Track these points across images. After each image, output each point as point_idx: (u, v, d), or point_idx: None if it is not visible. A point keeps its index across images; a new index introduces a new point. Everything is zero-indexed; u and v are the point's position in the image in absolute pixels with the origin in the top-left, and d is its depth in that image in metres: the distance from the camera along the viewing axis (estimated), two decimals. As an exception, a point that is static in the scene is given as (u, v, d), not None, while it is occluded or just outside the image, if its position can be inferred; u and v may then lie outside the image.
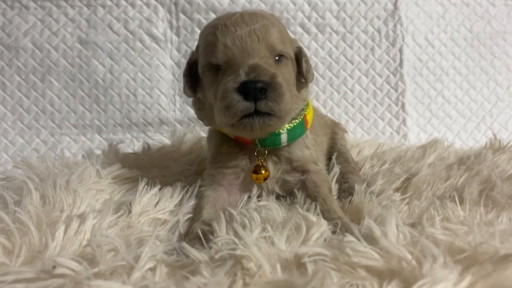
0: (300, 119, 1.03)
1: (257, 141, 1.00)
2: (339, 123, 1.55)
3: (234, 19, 0.91)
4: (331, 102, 1.90)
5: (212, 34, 0.92)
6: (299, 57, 1.01)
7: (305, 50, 1.06)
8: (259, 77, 0.83)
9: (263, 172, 1.01)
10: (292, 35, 1.86)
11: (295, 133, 1.02)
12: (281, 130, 0.99)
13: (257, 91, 0.83)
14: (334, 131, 1.43)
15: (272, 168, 1.04)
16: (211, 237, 0.80)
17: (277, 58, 0.92)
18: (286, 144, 1.01)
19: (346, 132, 1.54)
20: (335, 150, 1.35)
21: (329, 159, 1.32)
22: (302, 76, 1.02)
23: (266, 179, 1.02)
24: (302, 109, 1.05)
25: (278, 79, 0.85)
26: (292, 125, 1.00)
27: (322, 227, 0.82)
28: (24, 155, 1.66)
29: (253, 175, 1.01)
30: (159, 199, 1.01)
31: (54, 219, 0.89)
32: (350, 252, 0.68)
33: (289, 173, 1.05)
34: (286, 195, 1.06)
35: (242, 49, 0.89)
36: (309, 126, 1.06)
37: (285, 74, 0.92)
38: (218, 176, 1.04)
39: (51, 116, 1.79)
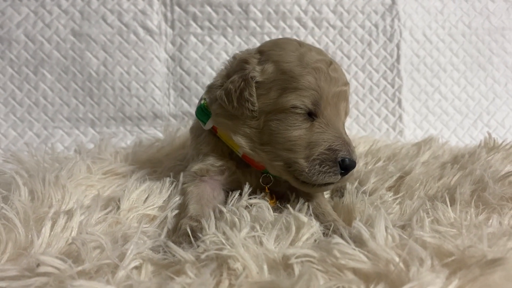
0: None
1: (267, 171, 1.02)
2: None
3: (333, 68, 0.94)
4: (326, 97, 1.89)
5: (314, 77, 0.91)
6: None
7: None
8: (355, 158, 0.91)
9: (271, 199, 1.02)
10: (289, 30, 1.86)
11: None
12: None
13: (350, 170, 0.90)
14: None
15: (257, 180, 1.04)
16: (200, 235, 0.80)
17: None
18: None
19: None
20: None
21: None
22: None
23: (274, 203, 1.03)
24: None
25: None
26: None
27: (313, 228, 0.81)
28: (15, 150, 1.64)
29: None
30: (148, 195, 1.00)
31: (42, 215, 0.88)
32: (338, 254, 0.67)
33: (275, 184, 1.04)
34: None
35: (337, 111, 0.94)
36: None
37: None
38: (201, 172, 1.03)
39: (44, 109, 1.77)
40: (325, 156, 0.88)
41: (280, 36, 1.85)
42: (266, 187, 1.03)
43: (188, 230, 0.82)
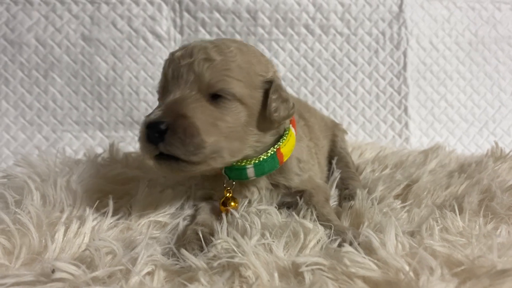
0: (271, 153, 0.96)
1: (223, 172, 0.98)
2: (339, 124, 1.55)
3: (184, 52, 0.90)
4: (333, 104, 1.90)
5: (165, 64, 0.94)
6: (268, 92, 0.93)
7: (282, 82, 0.99)
8: (160, 118, 0.80)
9: (232, 204, 0.98)
10: (296, 36, 1.88)
11: (264, 168, 0.96)
12: (247, 165, 0.95)
13: (154, 134, 0.80)
14: (334, 133, 1.43)
15: (268, 194, 1.03)
16: (212, 238, 0.81)
17: (213, 96, 0.87)
18: (254, 177, 0.97)
19: (346, 133, 1.53)
20: (335, 154, 1.36)
21: (329, 162, 1.32)
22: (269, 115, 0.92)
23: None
24: (274, 144, 0.98)
25: (185, 121, 0.81)
26: (260, 159, 0.95)
27: (318, 234, 0.82)
28: (25, 153, 1.66)
29: (222, 207, 0.98)
30: (159, 201, 1.01)
31: (54, 220, 0.90)
32: (348, 262, 0.68)
33: (288, 196, 1.04)
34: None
35: (176, 82, 0.88)
36: (285, 158, 0.99)
37: (223, 116, 0.86)
38: (207, 195, 1.05)
39: (53, 113, 1.79)
40: (140, 131, 0.84)
41: (288, 43, 1.87)
42: (228, 191, 0.99)
43: (200, 233, 0.84)
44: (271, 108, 0.91)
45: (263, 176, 1.00)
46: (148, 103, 1.81)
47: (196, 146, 0.80)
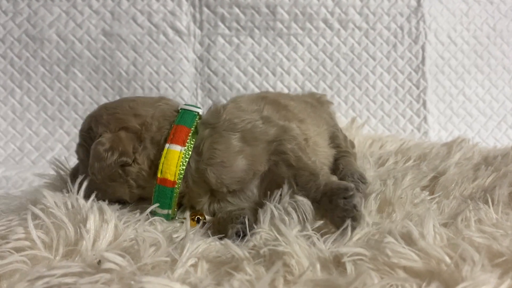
0: (155, 189, 0.94)
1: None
2: (322, 96, 1.51)
3: None
4: (352, 98, 1.91)
5: None
6: None
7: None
8: None
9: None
10: (315, 31, 1.88)
11: (165, 201, 0.94)
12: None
13: None
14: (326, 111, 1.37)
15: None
16: (255, 226, 0.83)
17: None
18: (168, 210, 0.96)
19: (332, 104, 1.48)
20: None
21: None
22: None
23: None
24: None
25: None
26: (154, 198, 0.95)
27: (364, 230, 0.82)
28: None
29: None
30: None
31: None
32: (390, 253, 0.68)
33: None
34: None
35: None
36: (173, 177, 0.92)
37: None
38: None
39: (74, 108, 1.80)
40: None
41: (307, 38, 1.87)
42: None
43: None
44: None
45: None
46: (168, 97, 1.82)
47: None
